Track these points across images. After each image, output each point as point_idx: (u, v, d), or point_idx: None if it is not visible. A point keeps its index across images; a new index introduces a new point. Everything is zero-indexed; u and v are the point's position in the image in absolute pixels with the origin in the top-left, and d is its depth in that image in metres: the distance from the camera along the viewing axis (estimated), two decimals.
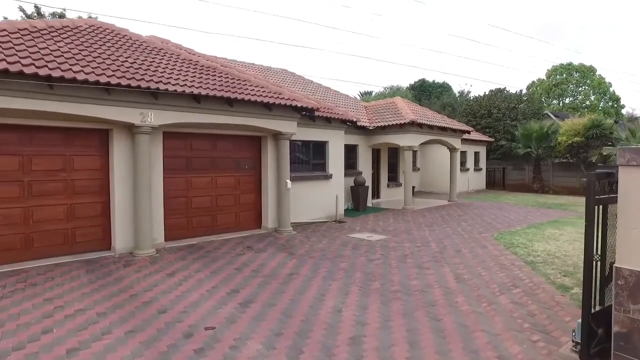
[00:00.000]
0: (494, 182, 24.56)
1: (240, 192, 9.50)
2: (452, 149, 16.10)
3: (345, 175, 13.43)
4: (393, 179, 17.18)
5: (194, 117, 7.70)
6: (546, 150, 21.73)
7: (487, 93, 26.45)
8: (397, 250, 8.10)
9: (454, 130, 15.50)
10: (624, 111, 40.67)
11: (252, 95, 8.38)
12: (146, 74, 7.17)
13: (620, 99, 40.33)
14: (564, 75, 41.02)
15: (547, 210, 14.09)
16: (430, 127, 14.00)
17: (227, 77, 8.86)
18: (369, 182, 14.66)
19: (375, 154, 16.25)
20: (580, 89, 41.02)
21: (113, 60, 7.16)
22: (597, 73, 40.95)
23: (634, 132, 18.84)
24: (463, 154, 21.55)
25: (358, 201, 13.31)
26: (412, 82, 46.26)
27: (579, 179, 21.17)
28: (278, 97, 8.88)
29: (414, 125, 13.31)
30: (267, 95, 8.69)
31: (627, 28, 62.86)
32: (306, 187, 11.10)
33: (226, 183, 9.22)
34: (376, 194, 16.43)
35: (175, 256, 7.41)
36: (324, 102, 12.75)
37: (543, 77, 42.73)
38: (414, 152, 21.71)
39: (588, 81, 40.57)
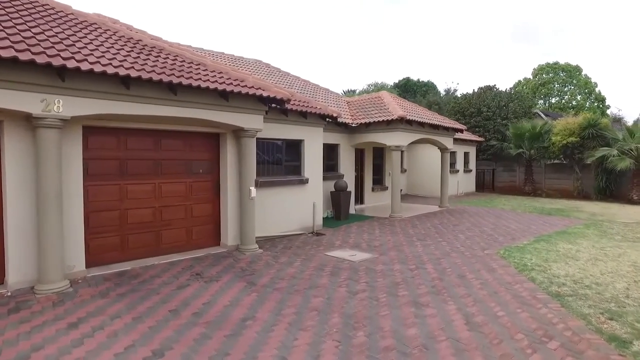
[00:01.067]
0: (484, 184, 23.29)
1: (193, 202, 7.71)
2: (443, 149, 14.61)
3: (325, 179, 11.76)
4: (378, 182, 15.60)
5: (122, 107, 5.88)
6: (539, 151, 20.52)
7: (476, 90, 25.18)
8: (386, 275, 6.46)
9: (446, 129, 14.00)
10: (609, 111, 40.24)
11: (204, 81, 6.61)
12: (53, 47, 5.33)
13: (605, 99, 39.87)
14: (551, 75, 40.34)
15: (548, 217, 12.70)
16: (421, 124, 12.46)
17: (175, 60, 7.07)
18: (351, 186, 13.03)
19: (359, 154, 14.63)
20: (566, 88, 40.42)
21: (5, 27, 5.30)
22: (582, 73, 40.44)
23: (633, 132, 17.73)
24: (452, 154, 20.17)
25: (339, 209, 11.65)
26: (397, 81, 45.09)
27: (574, 182, 20.05)
28: (239, 85, 7.13)
29: (403, 123, 11.74)
30: (224, 82, 6.93)
31: (602, 29, 63.20)
32: (277, 194, 9.38)
33: (174, 191, 7.42)
34: (360, 199, 14.82)
35: (94, 291, 5.59)
36: (301, 95, 11.05)
37: (529, 76, 42.00)
38: (401, 153, 20.23)
39: (574, 81, 39.99)
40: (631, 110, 61.59)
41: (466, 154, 21.63)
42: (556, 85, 40.57)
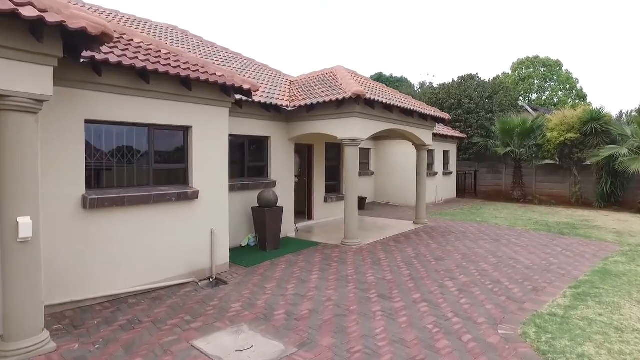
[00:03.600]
0: (465, 189, 19.85)
1: None
2: (419, 146, 10.88)
3: (243, 188, 7.83)
4: (334, 189, 11.74)
5: None
6: (530, 150, 17.19)
7: (455, 80, 21.76)
8: None
9: (424, 117, 10.25)
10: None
11: None
12: None
13: (587, 96, 37.56)
14: (530, 69, 37.74)
15: (563, 239, 9.15)
16: (388, 108, 8.64)
17: None
18: (288, 199, 9.09)
19: (306, 152, 10.75)
20: (546, 84, 37.89)
21: None
22: (563, 68, 38.05)
23: None
24: (430, 153, 16.58)
25: (264, 234, 7.67)
26: (369, 76, 41.69)
27: (572, 186, 16.82)
28: None
29: (360, 104, 7.89)
30: None
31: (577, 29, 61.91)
32: (136, 219, 5.34)
33: None
34: (307, 213, 10.92)
35: None
36: (187, 53, 7.08)
37: (508, 71, 39.31)
38: (365, 151, 16.49)
39: (555, 77, 37.52)
40: (611, 109, 60.30)
41: (446, 153, 18.10)
42: (536, 81, 38.00)
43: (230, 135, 7.81)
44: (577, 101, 36.93)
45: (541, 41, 59.77)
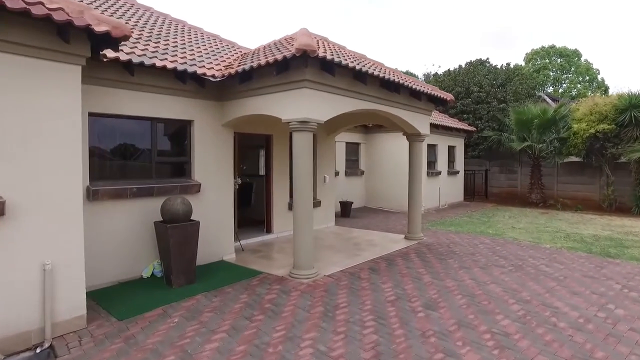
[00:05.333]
0: (474, 190, 17.10)
1: None
2: (413, 136, 8.26)
3: (142, 194, 5.33)
4: None
5: None
6: (552, 144, 14.39)
7: (463, 66, 19.01)
8: None
9: (416, 95, 7.61)
10: None
11: None
12: None
13: (609, 88, 34.41)
14: (546, 60, 34.69)
15: (611, 264, 6.46)
16: (359, 77, 5.99)
17: None
18: (224, 207, 6.53)
19: (267, 145, 8.20)
20: (564, 76, 34.81)
21: None
22: (582, 58, 34.95)
23: None
24: (432, 148, 13.92)
25: (169, 262, 5.12)
26: None
27: (603, 188, 14.03)
28: None
29: (312, 68, 5.27)
30: None
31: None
32: None
33: None
34: (266, 224, 8.37)
35: None
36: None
37: (521, 62, 36.27)
38: (354, 146, 13.91)
39: (573, 68, 34.44)
40: None
41: (451, 149, 15.38)
42: (552, 73, 34.94)
43: (121, 117, 5.35)
44: (598, 93, 33.84)
45: (557, 29, 56.20)
